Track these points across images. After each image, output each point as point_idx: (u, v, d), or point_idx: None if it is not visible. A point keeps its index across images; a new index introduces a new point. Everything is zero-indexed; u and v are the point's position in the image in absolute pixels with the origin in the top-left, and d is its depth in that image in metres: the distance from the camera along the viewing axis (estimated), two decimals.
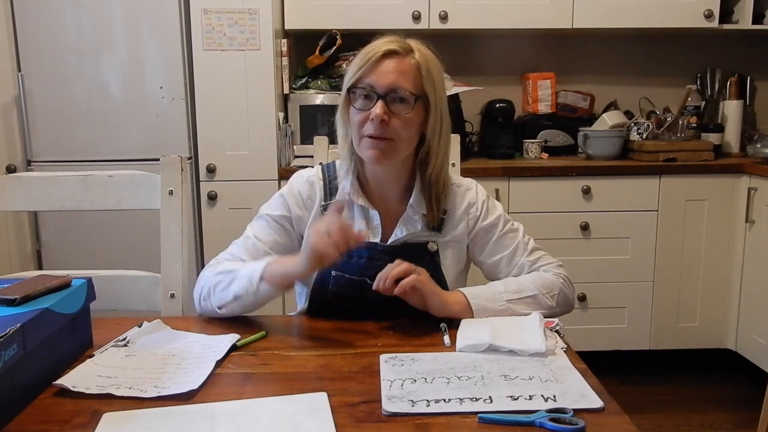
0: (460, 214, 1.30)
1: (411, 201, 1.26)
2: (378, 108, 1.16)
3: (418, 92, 1.19)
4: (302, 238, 1.30)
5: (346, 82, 1.21)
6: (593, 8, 2.74)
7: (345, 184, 1.27)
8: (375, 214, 1.27)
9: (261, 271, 1.14)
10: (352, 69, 1.20)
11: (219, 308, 1.20)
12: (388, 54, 1.18)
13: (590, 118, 3.02)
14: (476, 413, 0.83)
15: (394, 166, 1.24)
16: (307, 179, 1.31)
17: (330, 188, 1.29)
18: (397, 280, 1.12)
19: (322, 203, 1.28)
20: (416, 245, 1.27)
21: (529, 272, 1.28)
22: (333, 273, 1.23)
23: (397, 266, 1.13)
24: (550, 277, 1.25)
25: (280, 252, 1.28)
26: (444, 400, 0.86)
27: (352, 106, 1.20)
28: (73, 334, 1.03)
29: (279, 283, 1.14)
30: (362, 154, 1.21)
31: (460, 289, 1.21)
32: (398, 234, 1.26)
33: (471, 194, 1.32)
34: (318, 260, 1.08)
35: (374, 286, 1.12)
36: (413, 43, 1.22)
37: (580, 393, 0.89)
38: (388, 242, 1.26)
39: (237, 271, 1.18)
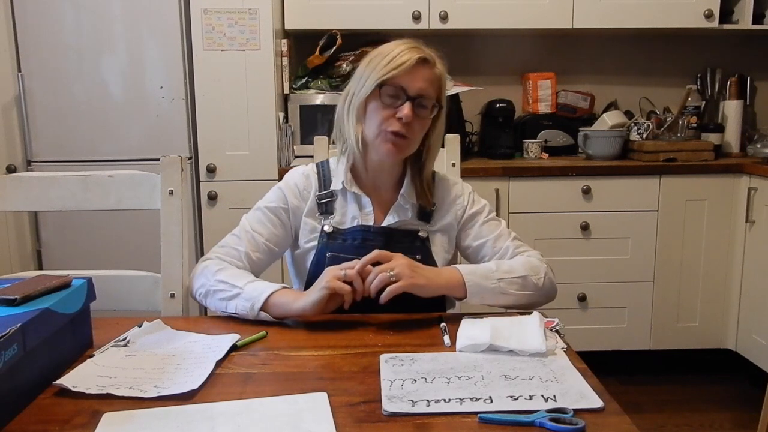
0: (448, 205, 1.37)
1: (402, 191, 1.34)
2: (407, 109, 1.23)
3: (438, 101, 1.29)
4: (298, 229, 1.35)
5: (377, 75, 1.24)
6: (593, 8, 2.74)
7: (339, 178, 1.34)
8: (367, 201, 1.34)
9: (263, 302, 1.17)
10: (384, 65, 1.24)
11: (214, 310, 1.24)
12: (421, 61, 1.25)
13: (590, 118, 3.02)
14: (476, 413, 0.83)
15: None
16: (302, 172, 1.38)
17: (325, 180, 1.36)
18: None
19: (317, 193, 1.34)
20: (407, 231, 1.33)
21: (514, 255, 1.32)
22: (328, 254, 1.29)
23: (374, 278, 1.13)
24: (535, 261, 1.30)
25: (277, 243, 1.34)
26: (444, 400, 0.86)
27: (379, 100, 1.25)
28: (73, 334, 1.03)
29: (280, 315, 1.18)
30: (378, 147, 1.27)
31: (456, 266, 1.25)
32: (390, 220, 1.33)
33: (458, 188, 1.40)
34: (329, 300, 1.14)
35: (365, 293, 1.15)
36: (432, 52, 1.29)
37: (580, 393, 0.89)
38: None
39: (240, 288, 1.20)
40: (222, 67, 2.50)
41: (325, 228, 1.32)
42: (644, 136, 2.80)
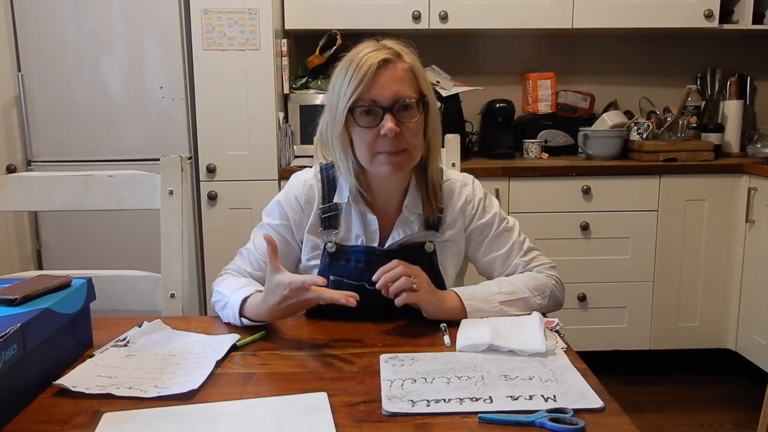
0: (457, 213, 1.29)
1: (406, 201, 1.26)
2: (389, 121, 1.13)
3: (419, 96, 1.18)
4: (302, 243, 1.29)
5: (344, 102, 1.15)
6: (593, 8, 2.74)
7: (343, 188, 1.26)
8: (373, 219, 1.26)
9: (239, 308, 1.15)
10: (346, 87, 1.15)
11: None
12: (382, 64, 1.15)
13: (590, 118, 3.02)
14: (476, 413, 0.83)
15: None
16: (304, 183, 1.29)
17: (328, 190, 1.28)
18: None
19: (320, 206, 1.27)
20: (413, 246, 1.26)
21: (523, 272, 1.28)
22: (332, 278, 1.23)
23: (396, 275, 1.12)
24: (543, 278, 1.26)
25: (284, 259, 1.26)
26: (444, 400, 0.86)
27: (357, 126, 1.16)
28: (73, 334, 1.03)
29: (259, 321, 1.15)
30: (377, 171, 1.19)
31: (455, 289, 1.21)
32: (395, 237, 1.26)
33: (467, 191, 1.31)
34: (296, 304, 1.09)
35: (377, 285, 1.13)
36: (394, 45, 1.19)
37: (580, 393, 0.89)
38: (386, 246, 1.26)
39: (228, 297, 1.19)
40: (222, 67, 2.50)
41: (328, 247, 1.25)
42: (644, 136, 2.79)
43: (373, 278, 1.14)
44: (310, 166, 1.35)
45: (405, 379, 0.93)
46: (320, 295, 1.07)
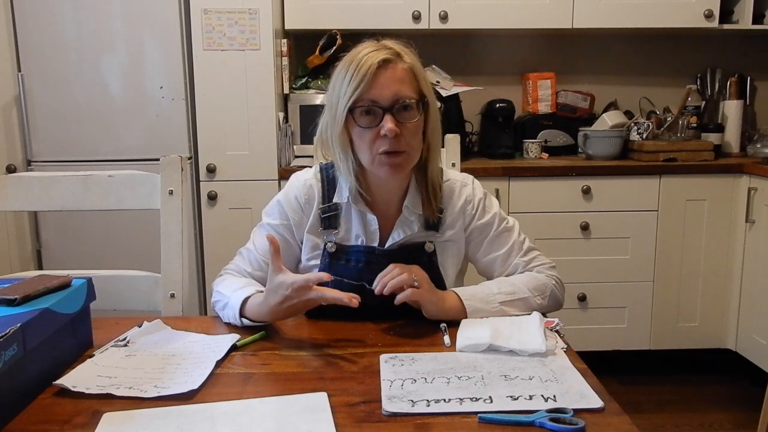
0: (457, 213, 1.29)
1: (406, 202, 1.26)
2: (389, 122, 1.13)
3: (419, 96, 1.18)
4: (302, 243, 1.29)
5: (344, 102, 1.15)
6: (593, 8, 2.74)
7: (343, 188, 1.26)
8: (373, 219, 1.26)
9: (239, 309, 1.15)
10: (346, 87, 1.15)
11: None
12: (382, 64, 1.15)
13: (590, 118, 3.02)
14: (476, 413, 0.83)
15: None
16: (304, 182, 1.29)
17: (328, 190, 1.28)
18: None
19: (320, 206, 1.27)
20: (413, 246, 1.26)
21: (523, 272, 1.28)
22: (332, 277, 1.23)
23: (396, 275, 1.13)
24: (543, 278, 1.26)
25: (284, 259, 1.25)
26: (444, 400, 0.86)
27: (357, 126, 1.16)
28: (73, 334, 1.03)
29: (260, 321, 1.15)
30: (377, 171, 1.19)
31: (455, 289, 1.21)
32: (395, 237, 1.26)
33: (467, 191, 1.31)
34: (298, 304, 1.09)
35: (376, 290, 1.13)
36: (394, 45, 1.19)
37: (580, 393, 0.89)
38: (386, 246, 1.26)
39: (228, 297, 1.19)
40: (222, 67, 2.50)
41: (328, 247, 1.25)
42: (644, 136, 2.79)
43: (373, 286, 1.14)
44: (310, 166, 1.34)
45: (405, 379, 0.93)
46: (323, 295, 1.07)
